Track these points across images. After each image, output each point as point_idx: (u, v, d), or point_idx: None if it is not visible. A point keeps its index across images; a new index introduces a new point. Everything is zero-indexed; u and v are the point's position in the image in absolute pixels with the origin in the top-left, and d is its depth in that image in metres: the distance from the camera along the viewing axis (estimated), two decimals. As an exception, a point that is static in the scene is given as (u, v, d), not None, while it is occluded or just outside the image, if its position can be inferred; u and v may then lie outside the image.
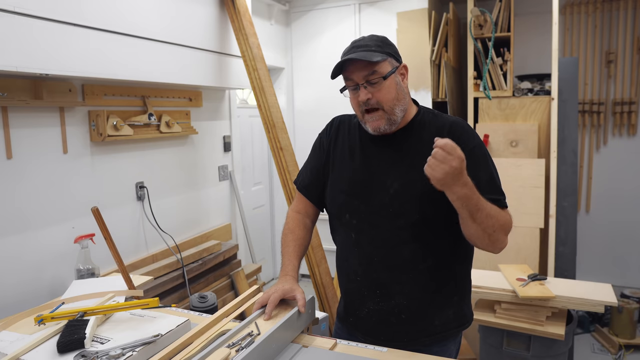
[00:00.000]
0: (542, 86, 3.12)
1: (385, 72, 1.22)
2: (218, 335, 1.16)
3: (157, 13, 2.32)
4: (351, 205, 1.32)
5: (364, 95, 1.22)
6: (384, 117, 1.24)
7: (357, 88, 1.24)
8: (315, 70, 4.22)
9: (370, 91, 1.22)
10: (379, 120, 1.24)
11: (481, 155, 1.26)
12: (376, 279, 1.29)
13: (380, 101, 1.22)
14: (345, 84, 1.27)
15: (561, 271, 3.02)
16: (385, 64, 1.22)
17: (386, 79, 1.22)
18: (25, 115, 1.91)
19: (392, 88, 1.23)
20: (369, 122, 1.26)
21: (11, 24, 1.64)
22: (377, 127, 1.25)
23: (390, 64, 1.23)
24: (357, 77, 1.22)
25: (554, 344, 2.06)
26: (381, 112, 1.24)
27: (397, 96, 1.24)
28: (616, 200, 3.63)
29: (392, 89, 1.23)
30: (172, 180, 2.76)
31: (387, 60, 1.22)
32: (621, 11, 3.48)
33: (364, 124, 1.29)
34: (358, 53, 1.20)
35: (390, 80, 1.23)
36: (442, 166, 1.03)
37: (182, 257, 2.61)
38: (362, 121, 1.30)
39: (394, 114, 1.25)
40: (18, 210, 1.90)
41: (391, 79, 1.23)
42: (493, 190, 1.23)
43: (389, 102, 1.23)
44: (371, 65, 1.20)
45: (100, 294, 1.53)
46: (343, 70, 1.24)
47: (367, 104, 1.23)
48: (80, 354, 1.11)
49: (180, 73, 2.50)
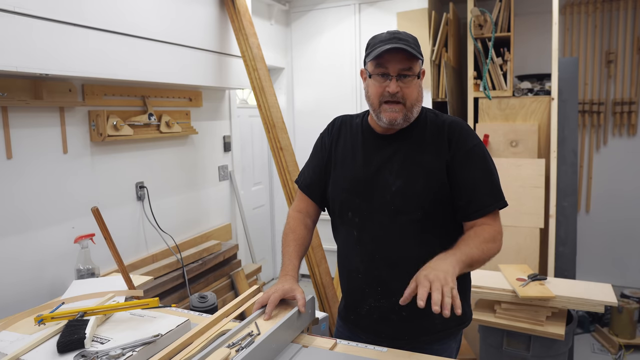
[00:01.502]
0: (542, 86, 3.12)
1: (418, 71, 1.25)
2: (218, 335, 1.16)
3: (157, 13, 2.32)
4: (353, 203, 1.33)
5: (395, 87, 1.22)
6: (402, 111, 1.25)
7: (386, 77, 1.24)
8: (315, 70, 4.22)
9: (400, 85, 1.23)
10: (397, 113, 1.24)
11: (480, 155, 1.27)
12: (377, 276, 1.30)
13: (406, 97, 1.24)
14: (374, 70, 1.25)
15: (561, 271, 3.02)
16: (419, 64, 1.25)
17: (418, 78, 1.25)
18: (25, 115, 1.91)
19: (418, 87, 1.27)
20: (387, 112, 1.25)
21: (11, 24, 1.64)
22: (394, 118, 1.25)
23: (420, 66, 1.27)
24: (392, 67, 1.22)
25: (554, 344, 2.06)
26: (402, 106, 1.24)
27: (418, 97, 1.27)
28: (616, 200, 3.63)
29: (418, 88, 1.27)
30: (172, 180, 2.76)
31: (420, 60, 1.26)
32: (621, 11, 3.48)
33: (379, 113, 1.27)
34: (401, 42, 1.21)
35: (418, 80, 1.26)
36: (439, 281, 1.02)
37: (182, 257, 2.61)
38: (375, 111, 1.28)
39: (411, 112, 1.26)
40: (18, 210, 1.90)
41: (419, 80, 1.27)
42: (489, 193, 1.25)
43: (412, 99, 1.25)
44: (410, 61, 1.22)
45: (100, 294, 1.53)
46: (379, 56, 1.23)
47: (394, 96, 1.23)
48: (80, 354, 1.11)
49: (180, 73, 2.50)
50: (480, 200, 1.24)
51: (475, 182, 1.24)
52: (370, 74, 1.27)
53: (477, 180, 1.25)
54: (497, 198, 1.26)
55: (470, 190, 1.24)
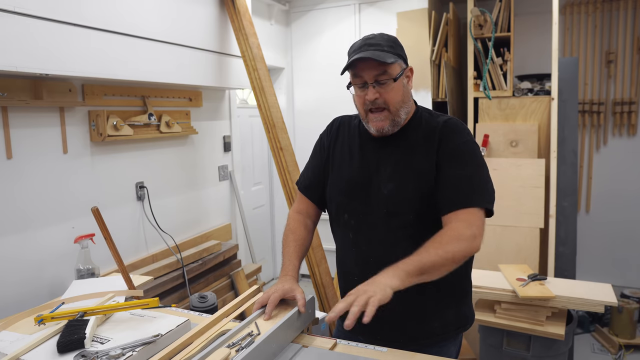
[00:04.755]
0: (542, 86, 3.12)
1: (395, 73, 1.22)
2: (218, 335, 1.16)
3: (157, 13, 2.32)
4: (349, 205, 1.32)
5: (372, 95, 1.21)
6: (388, 117, 1.24)
7: (364, 86, 1.23)
8: (315, 70, 4.22)
9: (379, 91, 1.22)
10: (383, 121, 1.24)
11: (467, 151, 1.23)
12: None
13: (388, 102, 1.22)
14: (353, 81, 1.26)
15: (561, 271, 3.02)
16: (395, 66, 1.22)
17: (396, 80, 1.22)
18: (25, 115, 1.91)
19: (400, 90, 1.24)
20: (373, 122, 1.25)
21: (11, 24, 1.64)
22: (381, 127, 1.25)
23: (399, 66, 1.23)
24: (367, 75, 1.21)
25: (554, 344, 2.06)
26: (386, 112, 1.23)
27: (403, 98, 1.25)
28: (616, 200, 3.62)
29: (400, 90, 1.24)
30: (172, 180, 2.76)
31: (397, 62, 1.22)
32: (621, 11, 3.48)
33: (367, 123, 1.28)
34: (371, 52, 1.19)
35: (399, 82, 1.23)
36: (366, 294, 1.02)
37: (182, 257, 2.61)
38: (364, 120, 1.29)
39: (398, 115, 1.25)
40: (18, 210, 1.90)
41: (399, 81, 1.23)
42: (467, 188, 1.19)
43: (395, 103, 1.23)
44: (383, 66, 1.20)
45: (100, 294, 1.53)
46: (353, 67, 1.22)
47: (374, 103, 1.22)
48: (80, 354, 1.11)
49: (180, 73, 2.50)
50: (454, 195, 1.18)
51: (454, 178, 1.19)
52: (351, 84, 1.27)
53: (457, 176, 1.20)
54: (476, 195, 1.19)
55: (449, 186, 1.19)
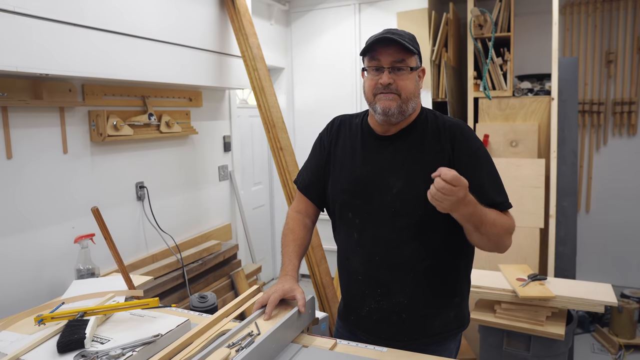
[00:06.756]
0: (542, 86, 3.12)
1: (413, 65, 1.25)
2: (218, 335, 1.16)
3: (157, 13, 2.32)
4: (353, 204, 1.32)
5: (386, 79, 1.22)
6: (397, 100, 1.24)
7: (379, 70, 1.24)
8: (315, 70, 4.22)
9: (393, 77, 1.23)
10: (392, 101, 1.23)
11: (484, 158, 1.27)
12: (377, 277, 1.29)
13: (400, 89, 1.23)
14: (369, 64, 1.26)
15: (561, 271, 3.02)
16: (414, 58, 1.25)
17: (412, 71, 1.25)
18: (25, 115, 1.91)
19: (414, 81, 1.26)
20: (381, 100, 1.24)
21: (11, 24, 1.64)
22: (388, 106, 1.24)
23: (416, 61, 1.26)
24: (384, 60, 1.23)
25: (554, 344, 2.06)
26: (396, 96, 1.24)
27: (414, 91, 1.26)
28: (616, 200, 3.62)
29: (413, 82, 1.26)
30: (172, 180, 2.76)
31: (415, 55, 1.25)
32: (621, 11, 3.48)
33: (374, 104, 1.26)
34: (395, 36, 1.21)
35: (413, 74, 1.26)
36: (450, 198, 1.04)
37: (182, 257, 2.61)
38: (371, 104, 1.28)
39: (407, 105, 1.25)
40: (18, 210, 1.90)
41: (414, 73, 1.26)
42: (497, 192, 1.25)
43: (408, 92, 1.24)
44: (402, 53, 1.22)
45: (100, 294, 1.53)
46: (372, 50, 1.23)
47: (387, 88, 1.23)
48: (80, 354, 1.11)
49: (180, 73, 2.50)
50: (490, 198, 1.22)
51: (482, 184, 1.22)
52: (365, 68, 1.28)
53: (485, 182, 1.24)
54: (505, 198, 1.26)
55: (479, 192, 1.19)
